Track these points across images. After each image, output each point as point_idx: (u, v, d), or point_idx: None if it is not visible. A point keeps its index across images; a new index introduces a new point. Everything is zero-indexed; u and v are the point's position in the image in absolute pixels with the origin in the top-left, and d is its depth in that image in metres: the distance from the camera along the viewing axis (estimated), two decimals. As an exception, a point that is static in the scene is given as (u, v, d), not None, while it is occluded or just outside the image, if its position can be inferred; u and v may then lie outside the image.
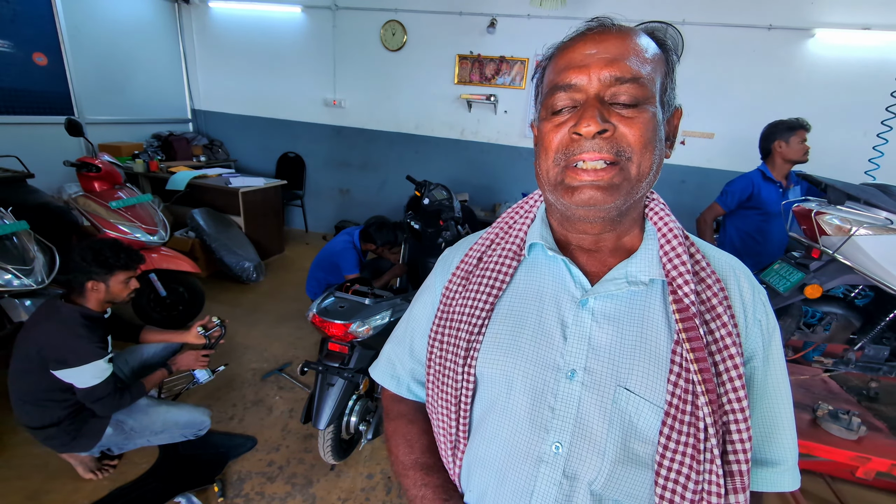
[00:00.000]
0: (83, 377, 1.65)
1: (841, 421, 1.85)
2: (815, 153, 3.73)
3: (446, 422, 0.66)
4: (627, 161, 0.54)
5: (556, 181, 0.58)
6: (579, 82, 0.55)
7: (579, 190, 0.56)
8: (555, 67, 0.59)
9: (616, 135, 0.54)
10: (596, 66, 0.54)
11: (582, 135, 0.54)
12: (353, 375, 1.83)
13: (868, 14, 3.47)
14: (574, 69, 0.55)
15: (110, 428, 1.77)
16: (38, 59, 3.62)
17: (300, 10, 4.59)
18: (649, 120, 0.54)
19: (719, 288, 0.58)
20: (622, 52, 0.54)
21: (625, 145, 0.54)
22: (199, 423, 1.96)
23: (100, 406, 1.70)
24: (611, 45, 0.54)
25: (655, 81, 0.56)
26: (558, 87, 0.56)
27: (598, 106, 0.53)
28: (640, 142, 0.54)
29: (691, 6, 3.72)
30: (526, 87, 4.30)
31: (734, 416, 0.54)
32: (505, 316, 0.64)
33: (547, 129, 0.58)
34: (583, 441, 0.57)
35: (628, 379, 0.57)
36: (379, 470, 2.08)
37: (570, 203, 0.57)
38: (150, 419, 1.84)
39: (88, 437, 1.75)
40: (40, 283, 2.11)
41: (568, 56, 0.57)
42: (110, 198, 2.81)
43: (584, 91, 0.55)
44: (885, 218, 1.73)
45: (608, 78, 0.53)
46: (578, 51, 0.56)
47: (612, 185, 0.55)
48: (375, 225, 3.05)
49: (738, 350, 0.55)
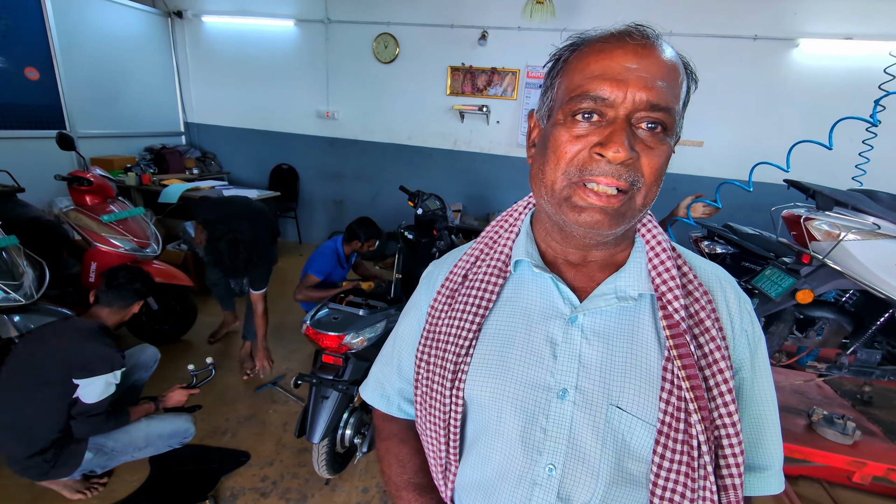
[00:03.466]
0: (97, 389, 1.65)
1: (836, 426, 1.85)
2: (801, 159, 3.79)
3: (436, 444, 0.65)
4: (637, 191, 0.52)
5: (562, 196, 0.55)
6: (613, 98, 0.50)
7: (587, 212, 0.53)
8: (586, 69, 0.52)
9: (636, 163, 0.51)
10: (635, 84, 0.49)
11: (606, 157, 0.50)
12: (347, 388, 1.81)
13: (849, 24, 3.55)
14: (610, 81, 0.50)
15: (90, 452, 1.74)
16: (30, 73, 3.61)
17: (293, 23, 4.62)
18: (666, 152, 0.52)
19: (707, 301, 0.58)
20: (661, 74, 0.50)
21: (639, 175, 0.51)
22: (184, 431, 1.93)
23: (87, 424, 1.67)
24: (652, 64, 0.50)
25: (680, 111, 0.53)
26: (588, 95, 0.51)
27: (627, 129, 0.50)
28: (654, 174, 0.52)
29: (679, 17, 3.79)
30: (518, 97, 4.35)
31: (726, 431, 0.54)
32: (492, 336, 0.63)
33: (563, 137, 0.53)
34: (576, 462, 0.56)
35: (620, 397, 0.56)
36: (374, 483, 2.05)
37: (573, 223, 0.54)
38: (130, 437, 1.81)
39: (67, 465, 1.71)
40: (29, 298, 2.08)
41: (604, 62, 0.51)
42: (102, 211, 2.79)
43: (616, 108, 0.50)
44: (872, 223, 1.75)
45: (644, 101, 0.49)
46: (617, 60, 0.50)
47: (618, 213, 0.53)
48: (357, 221, 3.00)
49: (728, 364, 0.55)
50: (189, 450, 2.12)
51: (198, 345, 3.13)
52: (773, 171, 3.98)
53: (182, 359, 2.91)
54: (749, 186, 1.47)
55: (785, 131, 3.75)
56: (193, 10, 4.83)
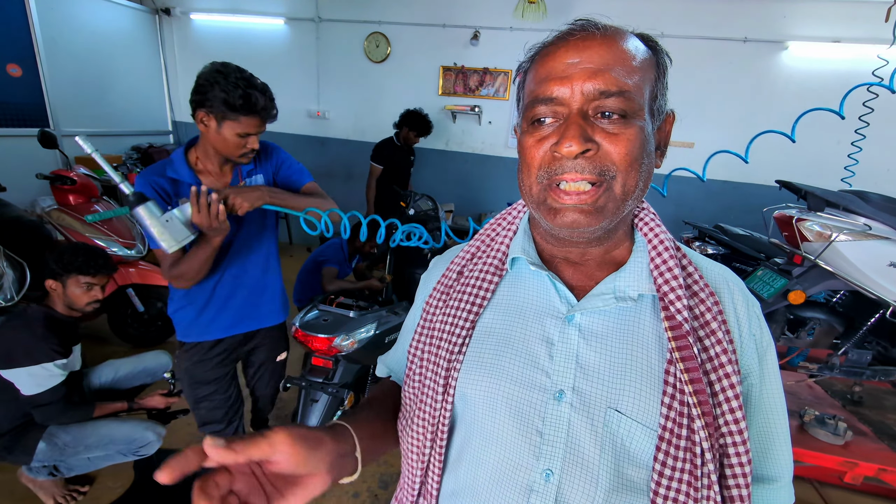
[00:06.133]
0: (27, 381, 1.58)
1: (827, 426, 1.86)
2: (790, 161, 3.83)
3: (420, 441, 0.62)
4: (612, 180, 0.51)
5: (539, 200, 0.55)
6: (561, 95, 0.51)
7: (562, 213, 0.53)
8: (535, 76, 0.54)
9: (599, 153, 0.50)
10: (579, 77, 0.50)
11: (563, 154, 0.50)
12: (337, 391, 1.78)
13: (838, 28, 3.60)
14: (555, 80, 0.51)
15: (43, 442, 1.66)
16: (13, 70, 3.53)
17: (283, 22, 4.58)
18: (636, 135, 0.51)
19: (713, 302, 0.55)
20: (607, 61, 0.50)
21: (609, 164, 0.51)
22: (140, 441, 1.75)
23: (40, 413, 1.64)
24: (594, 54, 0.50)
25: (644, 91, 0.52)
26: (538, 99, 0.52)
27: (580, 122, 0.50)
28: (626, 160, 0.51)
29: (669, 19, 3.82)
30: (510, 97, 4.34)
31: (732, 439, 0.52)
32: (487, 333, 0.61)
33: (529, 143, 0.54)
34: (575, 467, 0.54)
35: (619, 400, 0.54)
36: (365, 488, 2.02)
37: (553, 225, 0.54)
38: (83, 433, 1.71)
39: (22, 452, 1.65)
40: (9, 300, 2.03)
41: (549, 64, 0.52)
42: (86, 211, 2.73)
43: (567, 105, 0.51)
44: (863, 224, 1.76)
45: (592, 91, 0.49)
46: (560, 59, 0.51)
47: (596, 209, 0.52)
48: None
49: (735, 368, 0.52)
50: (175, 454, 2.07)
51: (185, 347, 3.07)
52: (766, 173, 4.01)
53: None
54: (703, 176, 1.47)
55: (774, 133, 3.79)
56: (182, 7, 4.76)
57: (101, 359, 2.05)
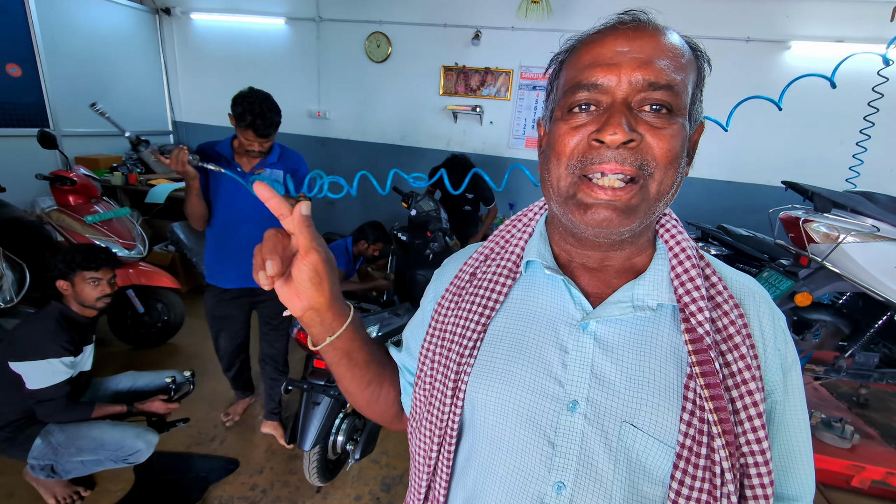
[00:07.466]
0: (33, 375, 1.61)
1: (834, 429, 1.85)
2: (794, 162, 3.80)
3: (427, 443, 0.61)
4: (649, 177, 0.49)
5: (568, 194, 0.52)
6: (606, 83, 0.49)
7: (593, 209, 0.50)
8: (578, 62, 0.52)
9: (642, 146, 0.48)
10: (628, 66, 0.48)
11: (605, 143, 0.48)
12: (339, 393, 1.76)
13: (841, 27, 3.58)
14: (602, 67, 0.49)
15: (39, 439, 1.67)
16: (12, 70, 3.51)
17: (283, 21, 4.56)
18: (678, 132, 0.49)
19: (738, 314, 0.53)
20: (657, 53, 0.48)
21: (650, 159, 0.48)
22: (129, 448, 1.71)
23: (41, 409, 1.66)
24: (646, 45, 0.48)
25: (688, 90, 0.50)
26: (581, 85, 0.50)
27: (625, 112, 0.48)
28: (667, 157, 0.49)
29: (672, 19, 3.70)
30: (511, 98, 4.32)
31: (754, 459, 0.50)
32: (499, 338, 0.59)
33: (562, 130, 0.52)
34: (588, 481, 0.52)
35: (635, 414, 0.51)
36: (367, 491, 2.01)
37: (581, 222, 0.51)
38: (77, 433, 1.69)
39: (21, 446, 1.67)
40: (8, 301, 2.02)
41: (595, 51, 0.50)
42: (86, 212, 2.72)
43: (611, 93, 0.49)
44: (871, 225, 1.75)
45: (640, 82, 0.48)
46: (608, 46, 0.49)
47: (629, 208, 0.50)
48: (370, 224, 3.08)
49: (759, 385, 0.50)
50: (175, 457, 2.05)
51: (184, 349, 3.06)
52: (769, 173, 3.99)
53: (167, 364, 2.84)
54: (726, 126, 1.43)
55: (776, 132, 3.77)
56: (182, 7, 4.74)
57: (100, 359, 2.04)
